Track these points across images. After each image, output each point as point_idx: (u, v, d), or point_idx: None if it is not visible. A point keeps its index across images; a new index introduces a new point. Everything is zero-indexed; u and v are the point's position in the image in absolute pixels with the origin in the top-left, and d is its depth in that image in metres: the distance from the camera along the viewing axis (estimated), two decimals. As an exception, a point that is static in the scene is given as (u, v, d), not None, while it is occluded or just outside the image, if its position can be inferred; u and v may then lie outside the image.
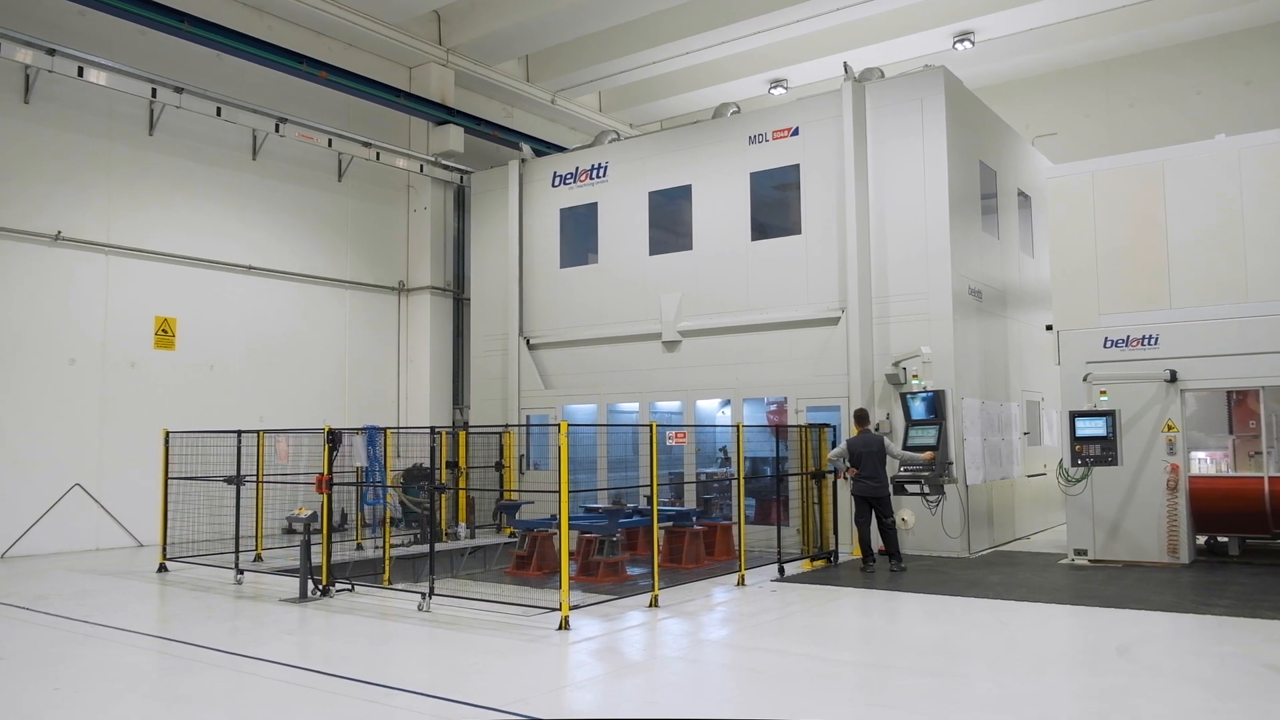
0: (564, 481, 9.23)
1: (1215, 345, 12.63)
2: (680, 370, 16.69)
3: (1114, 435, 12.31)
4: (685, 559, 13.46)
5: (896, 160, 14.85)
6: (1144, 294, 13.16)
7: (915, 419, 13.51)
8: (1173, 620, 9.35)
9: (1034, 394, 17.49)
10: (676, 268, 16.88)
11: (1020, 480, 16.43)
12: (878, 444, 12.90)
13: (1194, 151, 13.15)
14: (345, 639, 9.10)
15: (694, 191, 16.76)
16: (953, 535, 13.88)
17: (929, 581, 11.94)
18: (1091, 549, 13.24)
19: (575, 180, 18.17)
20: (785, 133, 15.91)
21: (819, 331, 15.35)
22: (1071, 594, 10.90)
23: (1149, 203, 13.21)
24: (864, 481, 12.90)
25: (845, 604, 10.84)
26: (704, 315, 16.47)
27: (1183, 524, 12.68)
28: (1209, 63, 22.06)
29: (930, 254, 14.45)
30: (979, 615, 9.91)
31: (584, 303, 17.89)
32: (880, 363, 14.78)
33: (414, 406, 19.66)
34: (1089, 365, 13.17)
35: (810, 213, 15.57)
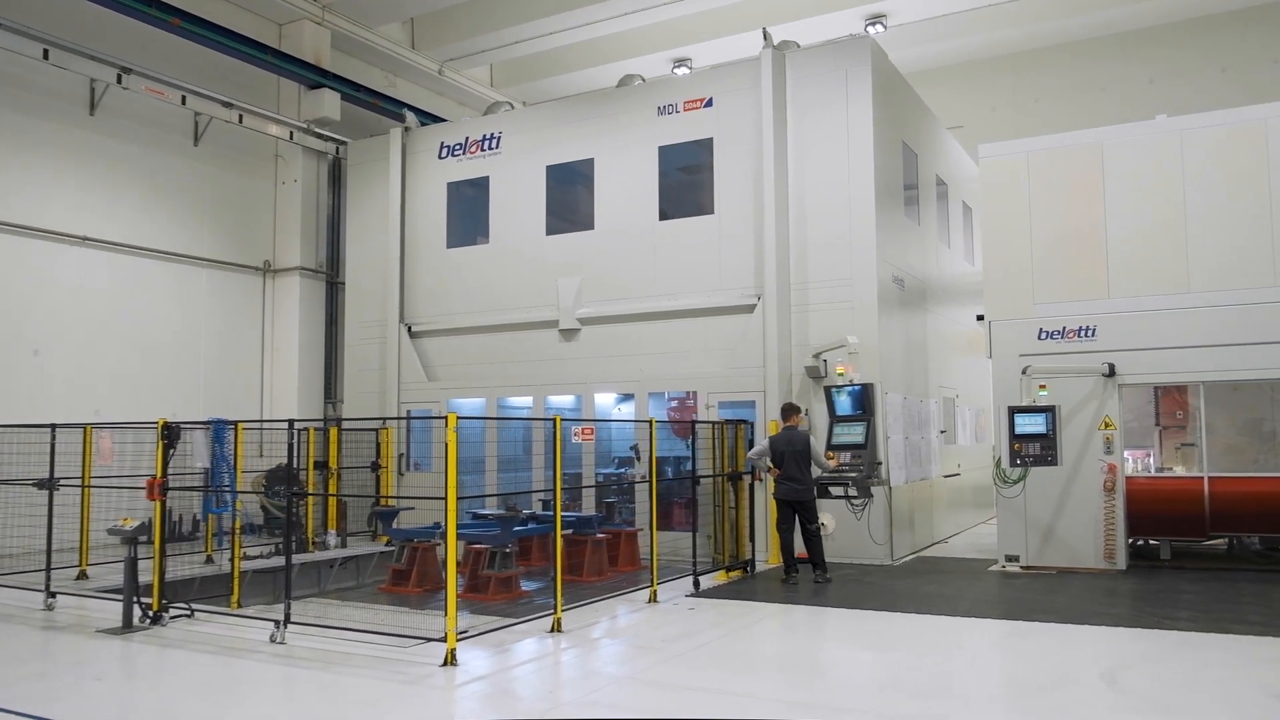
0: (451, 484, 7.63)
1: (1155, 338, 11.86)
2: (579, 361, 15.19)
3: (1054, 433, 11.38)
4: (587, 571, 11.97)
5: (819, 135, 13.69)
6: (1081, 282, 12.31)
7: (841, 415, 12.35)
8: (1141, 638, 8.33)
9: (950, 390, 16.65)
10: (576, 249, 15.36)
11: (938, 481, 15.52)
12: (803, 443, 11.67)
13: (1134, 132, 12.37)
14: (172, 687, 7.27)
15: (596, 166, 15.28)
16: (879, 541, 12.77)
17: (859, 594, 10.76)
18: (1024, 555, 12.31)
19: (465, 152, 16.46)
20: (698, 103, 14.59)
21: (733, 320, 14.07)
22: (1018, 607, 9.85)
23: (1087, 185, 12.36)
24: (787, 484, 11.66)
25: (774, 624, 9.52)
26: (606, 301, 15.01)
27: (1120, 528, 11.86)
28: (1114, 60, 21.84)
29: (854, 237, 13.33)
30: (929, 635, 8.72)
31: (473, 287, 16.20)
32: (799, 354, 13.59)
33: (280, 400, 17.59)
34: (1023, 358, 12.24)
35: (724, 190, 14.29)
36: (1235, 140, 11.74)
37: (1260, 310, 11.43)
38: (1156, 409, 13.67)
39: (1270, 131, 11.58)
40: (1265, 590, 10.47)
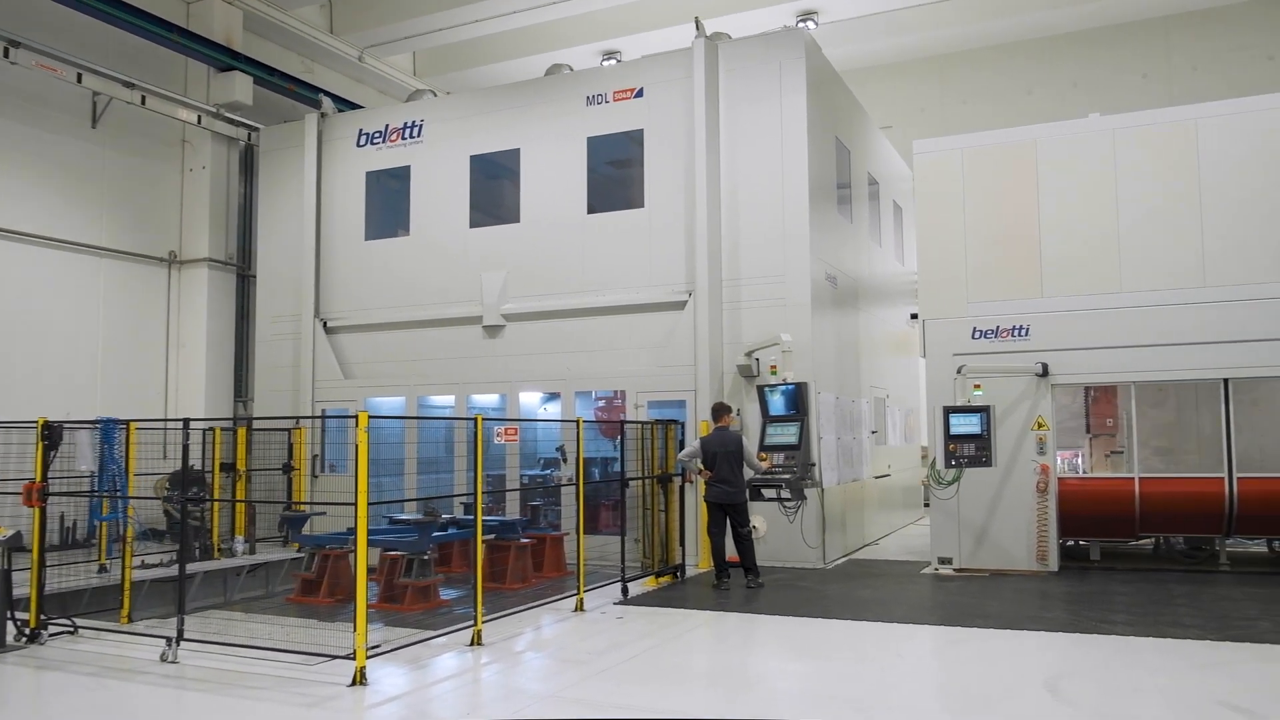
0: (362, 488, 7.04)
1: (1087, 338, 11.77)
2: (503, 359, 14.62)
3: (989, 433, 11.20)
4: (510, 578, 11.42)
5: (752, 128, 13.35)
6: (1015, 281, 12.18)
7: (774, 415, 12.01)
8: (1081, 644, 8.12)
9: (881, 390, 16.48)
10: (501, 242, 14.79)
11: (869, 482, 15.32)
12: (735, 443, 11.30)
13: (1067, 130, 12.28)
14: (43, 716, 6.55)
15: (523, 156, 14.73)
16: (812, 545, 12.47)
17: (793, 600, 10.42)
18: (957, 557, 12.13)
19: (385, 140, 15.75)
20: (628, 94, 14.14)
21: (663, 317, 13.65)
22: (954, 612, 9.60)
23: (1020, 183, 12.24)
24: (719, 486, 11.27)
25: (706, 634, 9.10)
26: (532, 297, 14.46)
27: (1052, 529, 11.74)
28: (1040, 63, 22.02)
29: (788, 234, 13.02)
30: (865, 644, 8.40)
31: (393, 280, 15.51)
32: (731, 353, 13.23)
33: (187, 398, 16.63)
34: (957, 357, 12.06)
35: (655, 183, 13.86)
36: (1166, 140, 11.72)
37: (1189, 311, 11.41)
38: (1086, 410, 13.62)
39: (1201, 132, 11.57)
40: (1194, 591, 10.40)
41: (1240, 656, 7.59)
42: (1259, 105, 11.53)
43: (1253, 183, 11.33)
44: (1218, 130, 11.51)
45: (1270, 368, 11.18)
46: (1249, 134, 11.41)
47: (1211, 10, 20.92)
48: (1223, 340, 11.29)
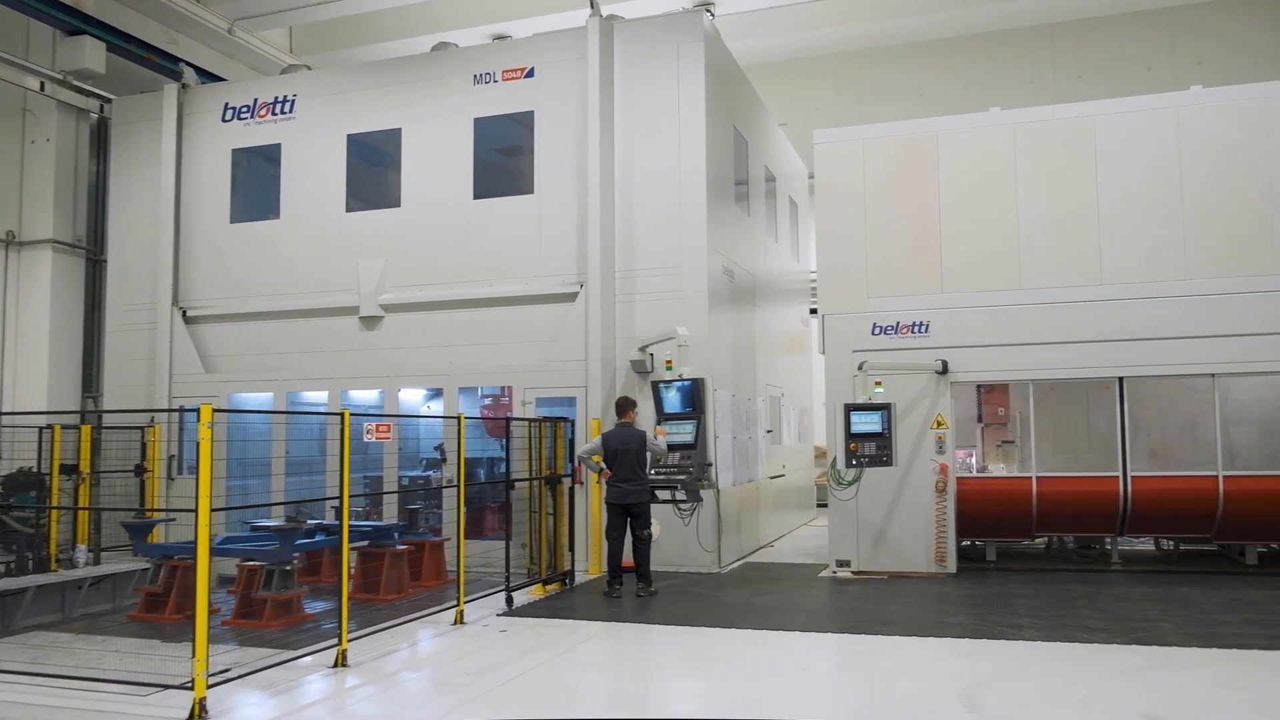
0: (204, 491, 6.12)
1: (987, 335, 11.57)
2: (382, 352, 13.65)
3: (889, 432, 10.86)
4: (385, 588, 10.53)
5: (648, 113, 12.75)
6: (915, 277, 11.89)
7: (669, 412, 11.43)
8: (991, 652, 7.75)
9: (776, 389, 16.10)
10: (381, 228, 13.82)
11: (764, 482, 14.90)
12: (639, 441, 10.66)
13: (968, 123, 12.08)
14: None
15: (404, 137, 13.80)
16: (708, 549, 11.94)
17: (690, 608, 9.84)
18: (856, 559, 11.77)
19: (253, 116, 14.58)
20: (518, 73, 13.37)
21: (553, 309, 12.93)
22: (857, 619, 9.17)
23: (921, 176, 11.97)
24: (620, 486, 10.61)
25: (598, 648, 8.43)
26: (413, 286, 13.55)
27: (951, 530, 11.49)
28: (933, 65, 22.14)
29: (685, 224, 12.47)
30: (768, 656, 7.85)
31: (261, 267, 14.36)
32: (625, 347, 12.60)
33: (26, 392, 15.10)
34: (856, 354, 11.71)
35: (546, 169, 13.13)
36: (1065, 136, 11.61)
37: (1087, 309, 11.31)
38: (979, 408, 13.48)
39: (1099, 129, 11.50)
40: (1092, 591, 10.25)
41: (1150, 662, 7.32)
42: (1153, 104, 11.52)
43: (1146, 181, 11.30)
44: (1114, 128, 11.46)
45: (1163, 366, 11.15)
46: (1143, 133, 11.38)
47: (1094, 19, 21.35)
48: (1118, 339, 11.22)
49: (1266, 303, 10.82)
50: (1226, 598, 9.78)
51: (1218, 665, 7.20)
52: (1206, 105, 11.22)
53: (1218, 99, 11.22)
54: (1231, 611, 9.06)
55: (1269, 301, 10.82)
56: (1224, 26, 20.47)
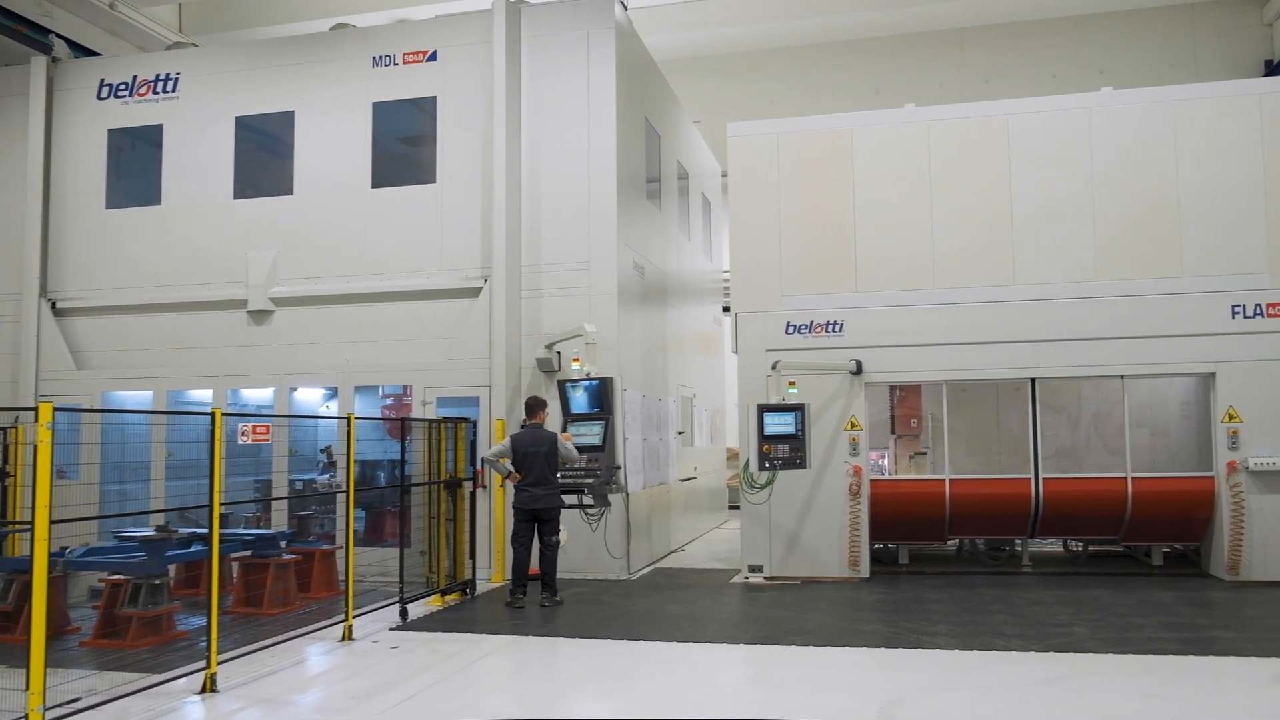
0: (41, 501, 5.39)
1: (901, 335, 11.36)
2: (273, 349, 12.83)
3: (803, 433, 10.54)
4: (269, 601, 9.78)
5: (557, 100, 12.24)
6: (830, 275, 11.62)
7: (576, 413, 10.93)
8: (908, 663, 7.46)
9: (688, 389, 15.74)
10: (271, 217, 12.99)
11: (675, 485, 14.51)
12: (549, 443, 10.13)
13: (883, 119, 11.87)
14: None
15: (298, 121, 13.00)
16: (616, 555, 11.47)
17: (597, 619, 9.35)
18: (768, 565, 11.44)
19: (132, 94, 13.58)
20: (420, 56, 12.71)
21: (455, 304, 12.31)
22: (769, 628, 8.80)
23: (836, 172, 11.71)
24: (530, 491, 10.06)
25: (499, 665, 7.88)
26: (307, 279, 12.77)
27: (864, 533, 11.24)
28: (844, 66, 22.15)
29: (594, 217, 11.99)
30: (678, 670, 7.41)
31: (140, 256, 13.37)
32: (531, 345, 12.06)
33: (-127, 393, 13.81)
34: (770, 353, 11.39)
35: (449, 157, 12.50)
36: (979, 134, 11.48)
37: (1000, 310, 11.19)
38: (892, 409, 13.33)
39: (1012, 128, 11.39)
40: (1005, 595, 10.10)
41: (1070, 670, 7.11)
42: (1065, 105, 11.46)
43: (1058, 182, 11.23)
44: (1028, 127, 11.37)
45: (1074, 367, 11.10)
46: (1056, 133, 11.31)
47: (1002, 26, 21.60)
48: (1031, 340, 11.12)
49: (1174, 305, 10.84)
50: (1136, 600, 9.72)
51: (1137, 673, 7.02)
52: (1117, 107, 11.21)
53: (1128, 100, 11.22)
54: (1143, 615, 8.97)
55: (1177, 303, 10.84)
56: (1126, 36, 20.91)
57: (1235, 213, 10.83)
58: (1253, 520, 10.52)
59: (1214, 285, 10.81)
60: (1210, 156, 10.92)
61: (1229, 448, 10.66)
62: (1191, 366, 10.90)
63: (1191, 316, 10.81)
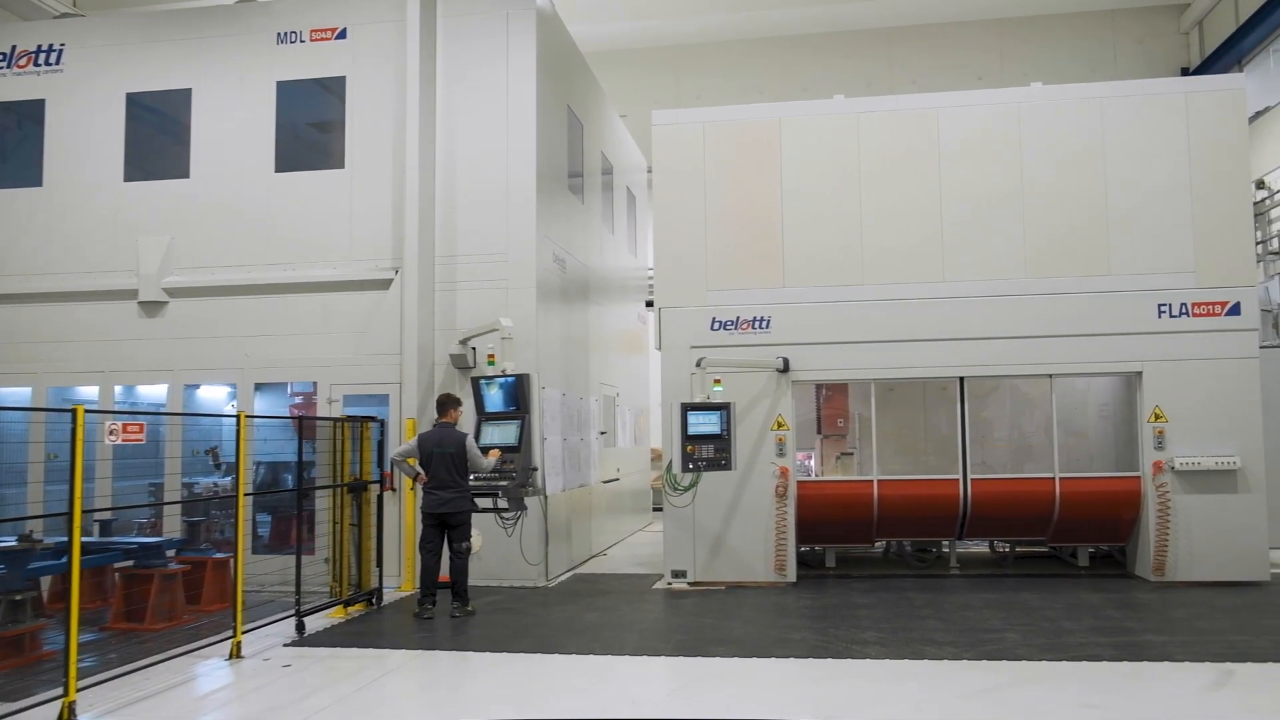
0: None
1: (829, 332, 11.03)
2: (167, 343, 11.98)
3: (729, 433, 10.12)
4: (152, 616, 9.00)
5: (475, 83, 11.64)
6: (756, 270, 11.24)
7: (490, 412, 10.35)
8: (837, 674, 7.06)
9: (611, 388, 15.25)
10: (166, 201, 12.14)
11: (597, 487, 14.00)
12: (457, 444, 9.53)
13: (812, 110, 11.54)
14: None
15: (195, 99, 12.18)
16: (532, 561, 10.91)
17: (511, 630, 8.79)
18: (692, 570, 11.00)
19: (10, 65, 12.57)
20: (328, 34, 11.99)
21: (365, 297, 11.64)
22: (692, 637, 8.35)
23: (764, 164, 11.33)
24: (436, 494, 9.46)
25: (402, 685, 7.26)
26: (204, 268, 11.96)
27: (790, 537, 10.88)
28: (773, 63, 21.96)
29: (513, 206, 11.43)
30: (595, 688, 6.90)
31: (17, 242, 12.37)
32: (445, 340, 11.45)
33: None
34: (695, 350, 10.96)
35: (359, 141, 11.82)
36: (909, 128, 11.20)
37: (929, 307, 10.93)
38: (819, 408, 13.02)
39: (942, 122, 11.15)
40: (935, 600, 9.81)
41: (1004, 680, 6.79)
42: (995, 99, 11.25)
43: (987, 177, 11.02)
44: (957, 122, 11.13)
45: (1003, 366, 10.89)
46: (986, 128, 11.09)
47: (929, 26, 21.61)
48: (959, 338, 10.88)
49: (1102, 304, 10.70)
50: (1065, 602, 9.51)
51: (1072, 681, 6.73)
52: (1046, 103, 11.03)
53: (1057, 97, 11.06)
54: (1073, 618, 8.75)
55: (1105, 302, 10.70)
56: (1050, 40, 21.07)
57: (1162, 212, 10.73)
58: (1178, 520, 10.42)
59: (1141, 284, 10.70)
60: (1138, 155, 10.81)
61: (1155, 447, 10.55)
62: (1118, 366, 10.77)
63: (1119, 316, 10.68)
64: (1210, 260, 10.63)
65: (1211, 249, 10.64)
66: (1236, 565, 10.33)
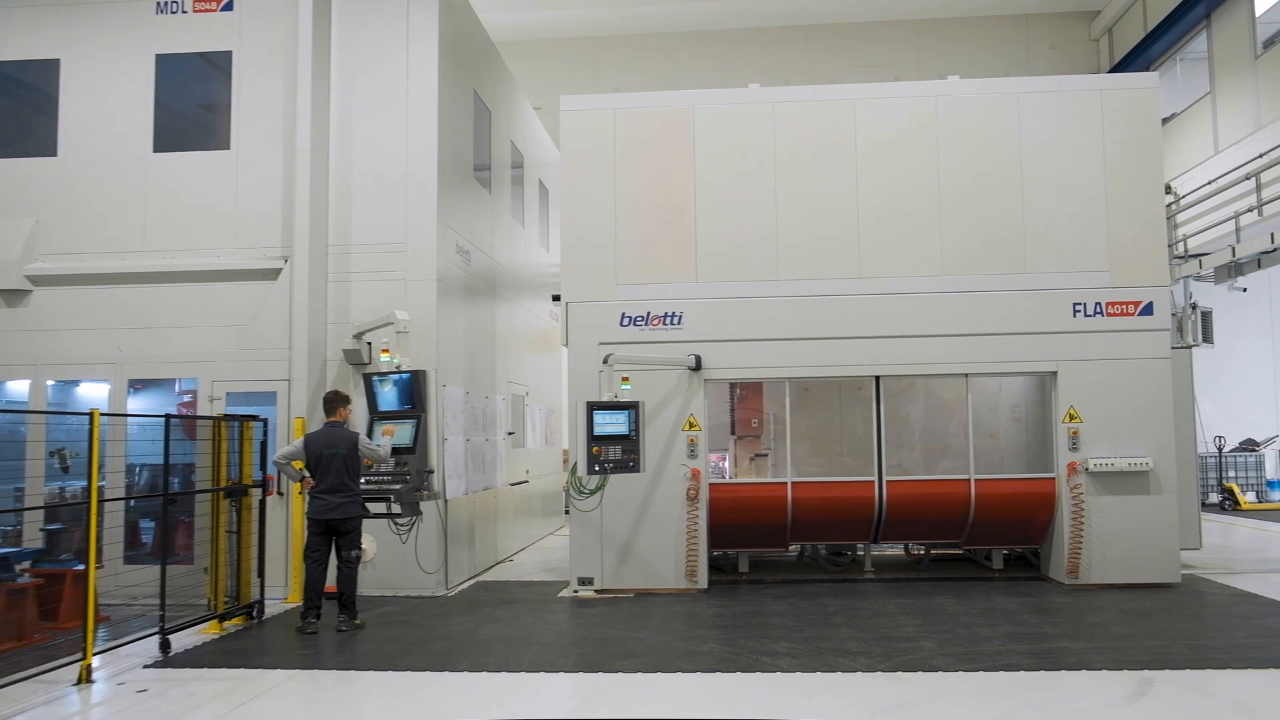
0: None
1: (743, 329, 10.63)
2: (30, 336, 11.02)
3: (637, 434, 9.63)
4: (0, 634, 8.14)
5: (372, 61, 10.97)
6: (669, 263, 10.78)
7: (384, 410, 9.70)
8: (746, 690, 6.62)
9: (520, 387, 14.66)
10: (29, 181, 11.17)
11: (504, 489, 13.40)
12: (347, 444, 8.87)
13: (727, 98, 11.12)
14: None
15: (64, 71, 11.24)
16: (429, 569, 10.27)
17: (401, 645, 8.16)
18: (599, 577, 10.49)
19: None
20: (213, 4, 11.18)
21: (251, 287, 10.86)
22: (594, 651, 7.84)
23: (676, 153, 10.89)
24: (324, 498, 8.79)
25: (273, 711, 6.56)
26: (72, 254, 11.03)
27: (702, 541, 10.44)
28: (690, 57, 21.65)
29: (412, 193, 10.78)
30: (483, 708, 6.34)
31: None
32: (338, 334, 10.75)
33: None
34: (603, 346, 10.45)
35: (246, 121, 11.04)
36: (825, 119, 10.87)
37: (845, 303, 10.61)
38: (732, 408, 12.65)
39: (859, 114, 10.84)
40: (849, 606, 9.47)
41: (921, 694, 6.43)
42: (912, 92, 10.98)
43: (904, 171, 10.75)
44: (874, 114, 10.84)
45: (919, 365, 10.62)
46: (902, 121, 10.82)
47: (847, 25, 21.52)
48: (875, 335, 10.58)
49: (1018, 302, 10.51)
50: (981, 608, 9.25)
51: (990, 694, 6.40)
52: (962, 96, 10.81)
53: (973, 90, 10.85)
54: (989, 624, 8.47)
55: (1020, 301, 10.51)
56: (966, 43, 21.13)
57: (1078, 210, 10.59)
58: (1092, 522, 10.27)
59: (1057, 283, 10.54)
60: (1054, 152, 10.65)
61: (1070, 448, 10.39)
62: (1034, 366, 10.59)
63: (1035, 315, 10.50)
64: (1124, 259, 10.52)
65: (1125, 248, 10.53)
66: (1149, 567, 10.22)
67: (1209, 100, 17.25)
